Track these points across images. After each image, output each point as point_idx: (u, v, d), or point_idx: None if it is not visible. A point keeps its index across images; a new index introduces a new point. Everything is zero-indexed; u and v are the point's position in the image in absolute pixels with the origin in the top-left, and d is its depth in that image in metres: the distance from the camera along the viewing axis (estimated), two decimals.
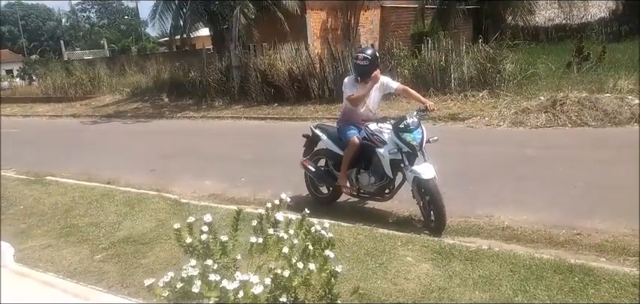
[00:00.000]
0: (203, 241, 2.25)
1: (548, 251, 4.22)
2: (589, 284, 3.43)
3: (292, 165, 6.31)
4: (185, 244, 2.28)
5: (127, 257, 4.52)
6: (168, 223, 5.27)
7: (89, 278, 4.14)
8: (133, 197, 6.34)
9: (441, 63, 12.63)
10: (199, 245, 2.27)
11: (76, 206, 6.19)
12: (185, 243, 2.29)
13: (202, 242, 2.25)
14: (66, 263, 4.46)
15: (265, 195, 6.37)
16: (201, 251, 2.26)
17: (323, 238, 2.67)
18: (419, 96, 5.47)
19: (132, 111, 17.33)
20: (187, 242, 2.29)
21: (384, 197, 5.39)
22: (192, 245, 2.28)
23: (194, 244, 2.28)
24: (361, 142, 5.25)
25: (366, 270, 3.89)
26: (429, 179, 4.76)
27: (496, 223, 4.99)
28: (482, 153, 7.90)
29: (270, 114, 13.69)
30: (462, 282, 3.61)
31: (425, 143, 4.99)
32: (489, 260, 3.88)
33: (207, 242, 2.27)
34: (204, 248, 2.27)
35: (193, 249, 2.28)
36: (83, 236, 5.12)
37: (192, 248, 2.28)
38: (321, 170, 5.94)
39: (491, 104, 10.99)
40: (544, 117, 9.31)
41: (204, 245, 2.26)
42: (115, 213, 5.79)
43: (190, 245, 2.28)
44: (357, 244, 4.39)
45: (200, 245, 2.27)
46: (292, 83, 14.79)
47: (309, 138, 6.08)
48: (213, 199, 6.56)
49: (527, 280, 3.54)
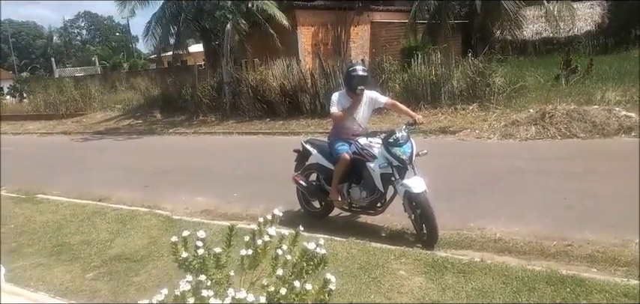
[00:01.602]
0: (199, 256, 2.25)
1: (540, 262, 4.25)
2: (581, 294, 3.46)
3: (284, 180, 6.31)
4: (180, 259, 2.28)
5: (119, 274, 4.49)
6: (161, 240, 5.26)
7: (81, 296, 4.11)
8: (125, 214, 6.31)
9: (431, 77, 12.75)
10: (194, 260, 2.28)
11: (67, 224, 6.15)
12: (180, 258, 2.29)
13: (198, 256, 2.26)
14: (57, 282, 4.43)
15: (258, 210, 6.37)
16: (197, 266, 2.26)
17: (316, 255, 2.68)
18: (408, 110, 5.52)
19: (123, 128, 17.28)
20: (183, 257, 2.29)
21: (376, 211, 5.41)
22: (187, 260, 2.28)
23: (189, 259, 2.28)
24: (352, 157, 5.27)
25: (360, 285, 3.90)
26: (419, 192, 4.79)
27: (488, 235, 5.02)
28: (473, 166, 7.96)
29: (262, 130, 13.70)
30: (455, 295, 3.62)
31: (415, 156, 5.03)
32: (482, 273, 3.90)
33: (203, 256, 2.27)
34: (199, 264, 2.27)
35: (188, 264, 2.28)
36: (75, 255, 5.09)
37: (187, 264, 2.28)
38: (313, 185, 5.95)
39: (482, 117, 11.08)
40: (534, 129, 9.40)
41: (200, 260, 2.26)
42: (107, 230, 5.76)
43: (185, 260, 2.28)
44: (350, 258, 4.40)
45: (195, 260, 2.27)
46: (284, 98, 14.85)
47: (300, 153, 6.09)
48: (205, 215, 6.54)
49: (520, 292, 3.57)
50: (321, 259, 2.70)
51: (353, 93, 5.30)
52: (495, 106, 11.50)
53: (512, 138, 9.40)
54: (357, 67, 5.44)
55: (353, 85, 5.28)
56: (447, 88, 12.59)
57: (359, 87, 5.26)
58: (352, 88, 5.30)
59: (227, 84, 16.12)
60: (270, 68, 15.65)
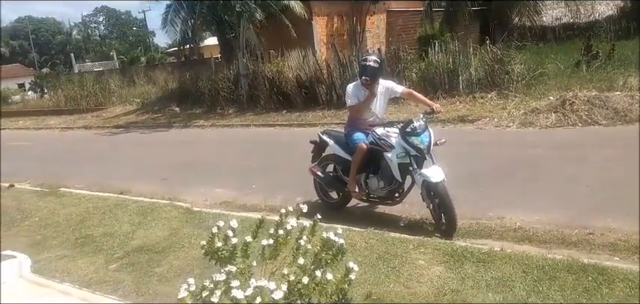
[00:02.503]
0: (231, 245, 2.29)
1: (560, 251, 4.21)
2: (603, 283, 3.42)
3: (302, 171, 6.34)
4: (213, 248, 2.32)
5: (141, 265, 4.57)
6: (181, 231, 5.34)
7: (104, 287, 4.20)
8: (146, 206, 6.41)
9: (449, 65, 12.62)
10: (224, 249, 2.32)
11: (90, 216, 6.28)
12: (214, 247, 2.33)
13: (228, 246, 2.30)
14: (81, 273, 4.53)
15: (276, 202, 6.42)
16: (227, 255, 2.30)
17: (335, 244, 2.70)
18: (425, 99, 5.49)
19: (142, 122, 17.49)
20: (217, 246, 2.33)
21: (394, 201, 5.40)
22: (219, 250, 2.32)
23: (221, 248, 2.32)
24: (369, 147, 5.26)
25: (379, 274, 3.91)
26: (438, 182, 4.77)
27: (508, 224, 4.98)
28: (492, 155, 7.88)
29: (278, 121, 13.75)
30: (475, 284, 3.61)
31: (433, 146, 5.00)
32: (502, 262, 3.88)
33: (235, 246, 2.31)
34: (229, 253, 2.31)
35: (219, 254, 2.32)
36: (98, 247, 5.19)
37: (219, 253, 2.32)
38: (330, 175, 5.96)
39: (500, 105, 10.96)
40: (554, 117, 9.27)
41: (231, 249, 2.30)
42: (129, 222, 5.86)
43: (218, 250, 2.32)
44: (369, 248, 4.41)
45: (225, 249, 2.31)
46: (300, 89, 14.86)
47: (316, 145, 6.10)
48: (224, 207, 6.61)
49: (541, 281, 3.54)
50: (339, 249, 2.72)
51: (367, 83, 5.28)
52: (514, 94, 11.35)
53: (531, 126, 9.29)
54: (368, 57, 5.40)
55: (362, 76, 5.28)
56: (464, 76, 12.46)
57: (364, 77, 5.24)
58: (361, 79, 5.29)
59: (243, 77, 16.18)
60: (286, 59, 15.67)
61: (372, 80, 5.25)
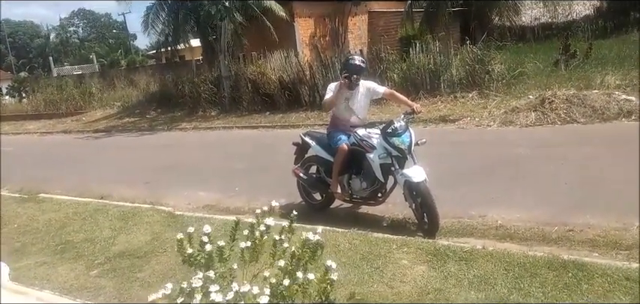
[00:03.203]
0: (205, 251, 2.27)
1: (541, 248, 4.27)
2: (583, 279, 3.48)
3: (285, 172, 6.32)
4: (186, 254, 2.30)
5: (122, 271, 4.51)
6: (164, 236, 5.28)
7: (86, 294, 4.13)
8: (127, 211, 6.32)
9: (430, 65, 12.72)
10: (200, 255, 2.29)
11: (70, 222, 6.17)
12: (186, 254, 2.30)
13: (204, 252, 2.27)
14: (62, 280, 4.45)
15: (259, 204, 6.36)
16: (203, 261, 2.28)
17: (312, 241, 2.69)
18: (406, 100, 5.54)
19: (123, 125, 17.28)
20: (188, 253, 2.30)
21: (376, 201, 5.42)
22: (192, 256, 2.30)
23: (194, 254, 2.30)
24: (350, 148, 5.28)
25: (362, 275, 3.92)
26: (419, 181, 4.80)
27: (489, 222, 5.04)
28: (473, 154, 7.97)
29: (261, 123, 13.70)
30: (458, 283, 3.64)
31: (414, 146, 5.04)
32: (484, 260, 3.92)
33: (210, 252, 2.29)
34: (205, 259, 2.28)
35: (194, 260, 2.30)
36: (78, 253, 5.11)
37: (193, 259, 2.30)
38: (313, 177, 5.96)
39: (481, 105, 11.08)
40: (533, 115, 9.39)
41: (206, 255, 2.28)
42: (110, 227, 5.77)
43: (191, 256, 2.30)
44: (353, 249, 4.42)
45: (200, 255, 2.29)
46: (283, 91, 14.84)
47: (299, 146, 6.10)
48: (207, 210, 6.56)
49: (522, 278, 3.59)
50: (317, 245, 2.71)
51: (346, 80, 5.32)
52: (495, 93, 11.49)
53: (512, 125, 9.40)
54: (353, 55, 5.48)
55: (342, 72, 5.38)
56: (446, 77, 12.58)
57: (344, 73, 5.30)
58: (341, 75, 5.37)
59: (225, 79, 16.10)
60: (268, 61, 15.63)
61: (351, 77, 5.27)
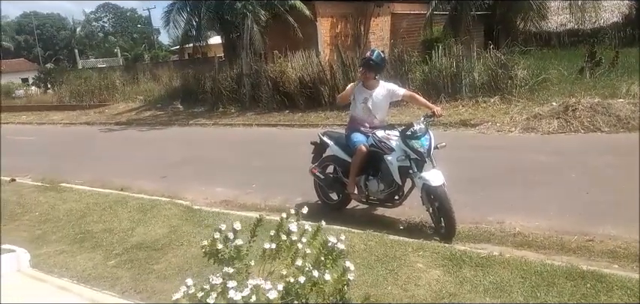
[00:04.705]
0: (236, 246, 2.29)
1: (559, 257, 4.20)
2: (601, 290, 3.41)
3: (302, 171, 6.33)
4: (214, 249, 2.32)
5: (139, 262, 4.58)
6: (181, 229, 5.35)
7: (103, 283, 4.20)
8: (146, 203, 6.41)
9: (452, 69, 12.62)
10: (227, 251, 2.32)
11: (90, 212, 6.28)
12: (214, 249, 2.32)
13: (231, 248, 2.30)
14: (80, 269, 4.53)
15: (276, 202, 6.41)
16: (228, 257, 2.30)
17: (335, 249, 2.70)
18: (426, 102, 5.50)
19: (145, 119, 17.52)
20: (217, 248, 2.33)
21: (393, 203, 5.40)
22: (220, 251, 2.32)
23: (222, 250, 2.32)
24: (369, 149, 5.27)
25: (377, 277, 3.90)
26: (438, 185, 4.76)
27: (507, 229, 4.97)
28: (493, 159, 7.87)
29: (281, 121, 13.75)
30: (473, 288, 3.61)
31: (433, 149, 5.00)
32: (500, 267, 3.87)
33: (239, 248, 2.31)
34: (233, 254, 2.31)
35: (220, 255, 2.32)
36: (97, 242, 5.20)
37: (220, 255, 2.32)
38: (330, 177, 5.96)
39: (503, 110, 10.94)
40: (556, 123, 9.24)
41: (235, 250, 2.30)
42: (128, 219, 5.86)
43: (218, 251, 2.32)
44: (368, 250, 4.41)
45: (227, 251, 2.31)
46: (303, 90, 14.86)
47: (316, 146, 6.11)
48: (224, 206, 6.61)
49: (539, 286, 3.53)
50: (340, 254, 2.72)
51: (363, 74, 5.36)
52: (517, 99, 11.33)
53: (534, 132, 9.27)
54: (372, 50, 5.52)
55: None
56: (467, 81, 12.46)
57: (361, 68, 5.38)
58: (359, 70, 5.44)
59: (246, 76, 16.20)
60: (290, 60, 15.68)
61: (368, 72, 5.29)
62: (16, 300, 3.90)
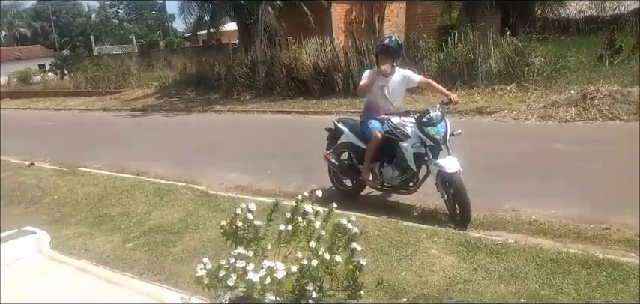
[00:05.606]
0: (254, 226, 2.34)
1: (575, 245, 4.17)
2: (617, 278, 3.39)
3: (316, 158, 6.35)
4: (232, 229, 2.36)
5: (156, 245, 4.65)
6: (197, 213, 5.41)
7: (121, 265, 4.28)
8: (162, 188, 6.49)
9: (468, 56, 12.49)
10: (245, 231, 2.36)
11: (107, 196, 6.38)
12: (232, 228, 2.36)
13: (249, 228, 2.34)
14: (99, 251, 4.62)
15: (290, 188, 6.45)
16: (248, 236, 2.34)
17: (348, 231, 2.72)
18: (442, 89, 5.46)
19: (160, 105, 17.65)
20: (236, 227, 2.37)
21: (408, 190, 5.39)
22: (238, 231, 2.36)
23: (240, 230, 2.36)
24: (384, 136, 5.26)
25: (391, 262, 3.92)
26: (453, 172, 4.75)
27: (523, 217, 4.95)
28: (509, 147, 7.81)
29: (295, 108, 13.76)
30: (487, 275, 3.61)
31: (449, 136, 4.98)
32: (515, 254, 3.86)
33: (257, 227, 2.36)
34: (253, 234, 2.35)
35: (239, 236, 2.36)
36: (115, 225, 5.29)
37: (238, 235, 2.36)
38: (345, 163, 5.97)
39: (520, 98, 10.83)
40: (574, 110, 9.13)
41: (253, 230, 2.34)
42: (145, 203, 5.94)
43: (237, 230, 2.36)
44: (382, 236, 4.42)
45: (246, 231, 2.35)
46: (317, 77, 14.83)
47: (331, 132, 6.10)
48: (239, 191, 6.66)
49: (554, 274, 3.52)
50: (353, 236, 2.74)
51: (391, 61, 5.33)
52: (534, 87, 11.20)
53: (551, 120, 9.17)
54: (388, 36, 5.53)
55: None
56: (484, 68, 12.33)
57: (378, 55, 5.38)
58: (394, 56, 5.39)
59: (261, 63, 16.20)
60: (304, 47, 15.64)
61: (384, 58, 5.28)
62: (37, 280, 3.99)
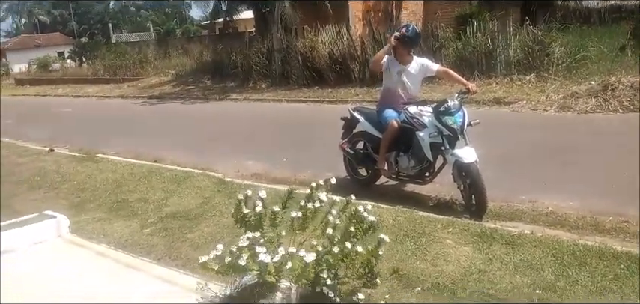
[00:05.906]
0: (256, 213, 2.36)
1: (593, 237, 4.12)
2: (635, 271, 3.34)
3: (332, 147, 6.35)
4: (240, 215, 2.39)
5: (173, 231, 4.71)
6: (213, 200, 5.46)
7: (139, 250, 4.35)
8: (179, 175, 6.55)
9: (487, 45, 12.34)
10: (252, 217, 2.38)
11: (125, 182, 6.46)
12: (241, 214, 2.39)
13: (255, 214, 2.36)
14: (117, 236, 4.69)
15: (305, 176, 6.46)
16: (253, 222, 2.37)
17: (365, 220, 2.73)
18: (460, 78, 5.42)
19: (176, 93, 17.80)
20: (243, 213, 2.39)
21: (424, 180, 5.37)
22: (246, 216, 2.39)
23: (248, 215, 2.38)
24: (400, 125, 5.24)
25: (406, 251, 3.92)
26: (470, 163, 4.71)
27: (540, 208, 4.89)
28: (527, 138, 7.72)
29: (310, 97, 13.76)
30: (503, 265, 3.59)
31: (466, 126, 4.93)
32: (531, 245, 3.83)
33: (261, 214, 2.37)
34: (255, 221, 2.37)
35: (247, 221, 2.39)
36: (133, 211, 5.37)
37: (246, 220, 2.39)
38: (360, 152, 5.96)
39: (538, 88, 10.69)
40: (594, 102, 8.98)
41: (257, 217, 2.36)
42: (162, 189, 6.01)
43: (245, 216, 2.39)
44: (397, 226, 4.41)
45: (253, 217, 2.38)
46: (333, 66, 14.79)
47: (347, 121, 6.09)
48: (255, 178, 6.69)
49: (570, 265, 3.49)
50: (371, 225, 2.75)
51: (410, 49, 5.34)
52: (554, 77, 11.04)
53: (570, 111, 9.04)
54: (403, 26, 5.51)
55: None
56: (503, 58, 12.18)
57: (394, 36, 5.32)
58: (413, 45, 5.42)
59: (277, 52, 16.21)
60: (320, 35, 15.59)
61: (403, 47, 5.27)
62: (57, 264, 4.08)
